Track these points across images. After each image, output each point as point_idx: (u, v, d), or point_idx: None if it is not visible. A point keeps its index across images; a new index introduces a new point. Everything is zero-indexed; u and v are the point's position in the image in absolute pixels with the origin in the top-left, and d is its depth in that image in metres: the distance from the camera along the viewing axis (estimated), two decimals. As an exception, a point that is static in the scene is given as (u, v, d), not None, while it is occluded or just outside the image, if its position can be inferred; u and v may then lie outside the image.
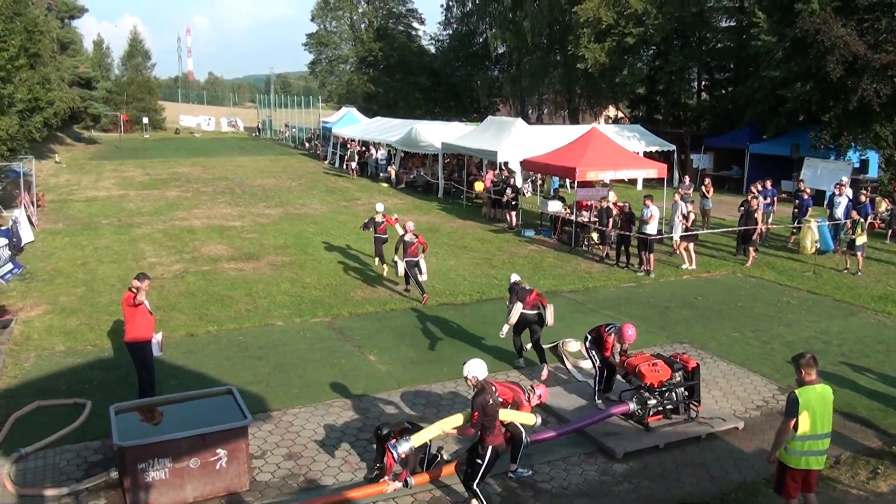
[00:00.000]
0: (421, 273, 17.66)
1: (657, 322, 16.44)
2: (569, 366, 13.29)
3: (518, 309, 13.18)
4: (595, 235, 23.52)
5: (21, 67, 30.24)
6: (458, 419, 9.22)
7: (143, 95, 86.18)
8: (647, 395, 10.96)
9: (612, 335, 11.77)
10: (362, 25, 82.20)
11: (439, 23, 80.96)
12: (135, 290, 11.11)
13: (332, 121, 56.71)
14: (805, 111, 34.41)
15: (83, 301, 17.54)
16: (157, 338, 11.65)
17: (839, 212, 23.51)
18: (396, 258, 17.93)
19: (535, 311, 13.35)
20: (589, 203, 24.07)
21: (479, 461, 8.64)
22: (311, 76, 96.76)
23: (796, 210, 24.63)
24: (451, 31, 78.37)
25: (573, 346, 13.66)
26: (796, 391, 7.91)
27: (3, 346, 14.48)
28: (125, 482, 8.89)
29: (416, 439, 9.01)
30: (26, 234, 23.77)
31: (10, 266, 19.99)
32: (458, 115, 65.85)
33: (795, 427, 7.79)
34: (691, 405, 11.26)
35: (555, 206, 26.01)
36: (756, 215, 21.93)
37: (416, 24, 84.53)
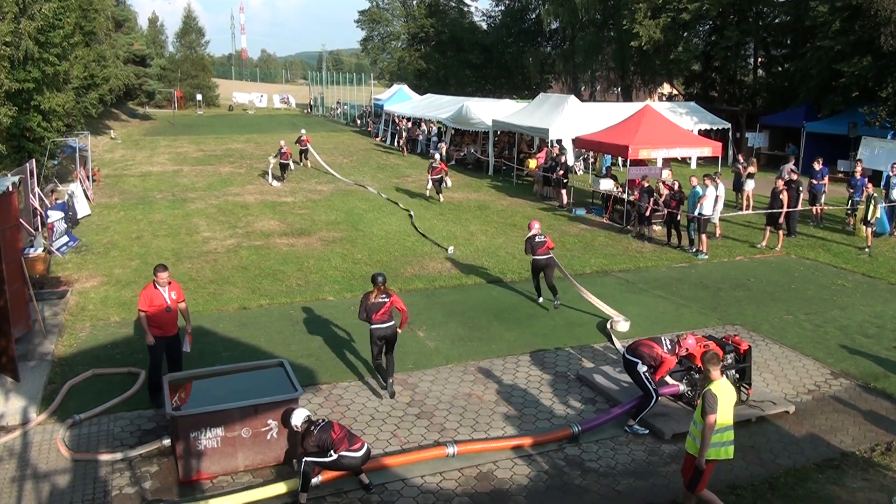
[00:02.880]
0: (289, 170, 32.73)
1: (709, 303, 16.24)
2: (618, 345, 13.27)
3: (429, 178, 27.89)
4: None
5: (76, 45, 30.75)
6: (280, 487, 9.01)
7: (196, 72, 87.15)
8: (697, 376, 10.84)
9: (669, 353, 10.63)
10: (414, 2, 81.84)
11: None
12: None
13: (384, 98, 56.84)
14: (861, 87, 33.53)
15: (138, 273, 17.86)
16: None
17: (895, 193, 22.90)
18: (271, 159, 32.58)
19: (438, 177, 27.73)
20: (641, 181, 23.74)
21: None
22: (363, 53, 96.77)
23: (851, 190, 24.05)
24: (503, 7, 77.67)
25: (623, 326, 13.97)
26: (711, 387, 8.01)
27: (59, 316, 14.85)
28: (177, 450, 9.08)
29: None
30: (82, 208, 24.27)
31: (66, 239, 20.47)
32: (509, 93, 65.44)
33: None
34: (742, 388, 11.10)
35: (607, 185, 25.74)
36: (781, 197, 21.29)
37: (467, 1, 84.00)
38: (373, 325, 11.42)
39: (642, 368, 10.30)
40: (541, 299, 15.97)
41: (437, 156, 29.74)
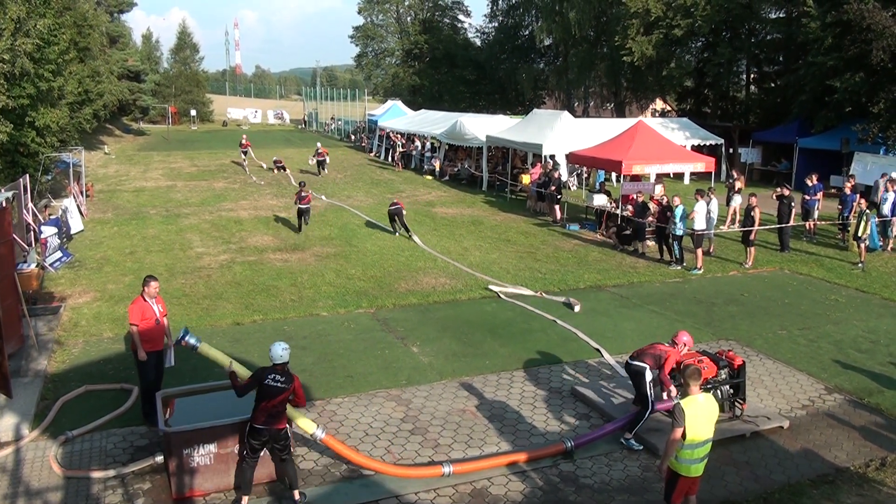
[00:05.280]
0: (249, 156, 43.53)
1: (703, 318, 16.26)
2: (610, 361, 13.29)
3: (315, 160, 40.76)
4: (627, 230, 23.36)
5: (71, 61, 30.76)
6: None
7: (191, 88, 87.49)
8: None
9: (670, 346, 10.71)
10: (408, 18, 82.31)
11: (485, 15, 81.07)
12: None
13: (378, 114, 57.04)
14: (853, 103, 33.71)
15: (131, 289, 17.78)
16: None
17: (886, 208, 22.97)
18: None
19: (322, 160, 40.40)
20: (634, 197, 23.78)
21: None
22: (358, 69, 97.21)
23: (840, 206, 24.14)
24: (496, 24, 78.10)
25: (579, 308, 15.83)
26: (681, 402, 8.01)
27: (52, 332, 14.79)
28: (170, 467, 9.03)
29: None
30: (76, 224, 24.24)
31: (59, 254, 20.41)
32: (502, 108, 65.77)
33: (683, 436, 7.87)
34: (736, 403, 11.11)
35: (600, 200, 25.81)
36: (753, 214, 21.12)
37: (461, 17, 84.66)
38: (300, 205, 24.62)
39: (649, 376, 10.29)
40: (397, 234, 24.53)
41: (319, 144, 43.88)
